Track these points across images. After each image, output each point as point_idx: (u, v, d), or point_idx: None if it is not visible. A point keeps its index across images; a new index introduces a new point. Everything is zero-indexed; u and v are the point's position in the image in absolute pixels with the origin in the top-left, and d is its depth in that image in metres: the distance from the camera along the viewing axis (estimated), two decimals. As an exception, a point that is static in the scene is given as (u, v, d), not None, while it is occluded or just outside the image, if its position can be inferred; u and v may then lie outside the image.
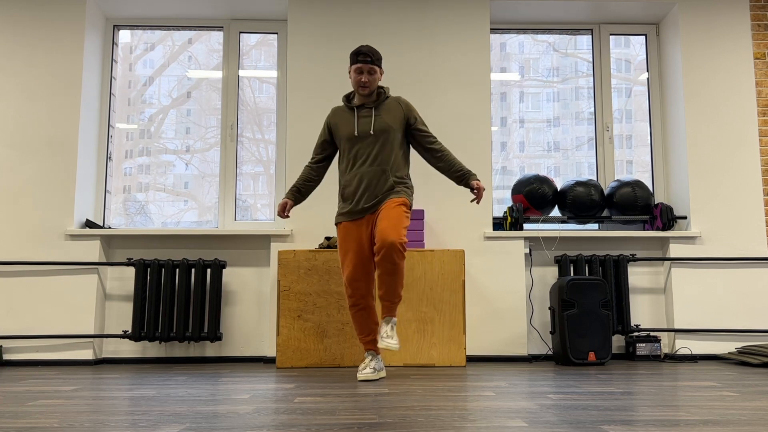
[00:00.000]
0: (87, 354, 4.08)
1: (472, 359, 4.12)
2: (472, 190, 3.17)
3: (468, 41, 4.40)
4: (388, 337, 3.02)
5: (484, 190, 3.16)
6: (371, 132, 3.15)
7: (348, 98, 3.29)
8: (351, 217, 3.16)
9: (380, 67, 3.20)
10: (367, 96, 3.21)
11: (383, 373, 3.17)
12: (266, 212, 4.57)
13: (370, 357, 3.18)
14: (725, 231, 4.33)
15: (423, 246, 4.01)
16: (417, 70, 4.38)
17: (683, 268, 4.29)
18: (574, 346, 3.77)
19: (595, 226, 4.62)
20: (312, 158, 3.36)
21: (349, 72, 3.21)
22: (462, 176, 3.21)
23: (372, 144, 3.16)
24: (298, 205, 4.22)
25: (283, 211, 3.27)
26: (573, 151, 4.79)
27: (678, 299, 4.25)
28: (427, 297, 3.84)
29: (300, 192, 3.32)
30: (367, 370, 3.10)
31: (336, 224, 3.25)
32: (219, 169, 4.56)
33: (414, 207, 4.25)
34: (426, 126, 3.29)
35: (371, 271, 3.17)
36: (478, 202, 3.16)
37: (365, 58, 3.13)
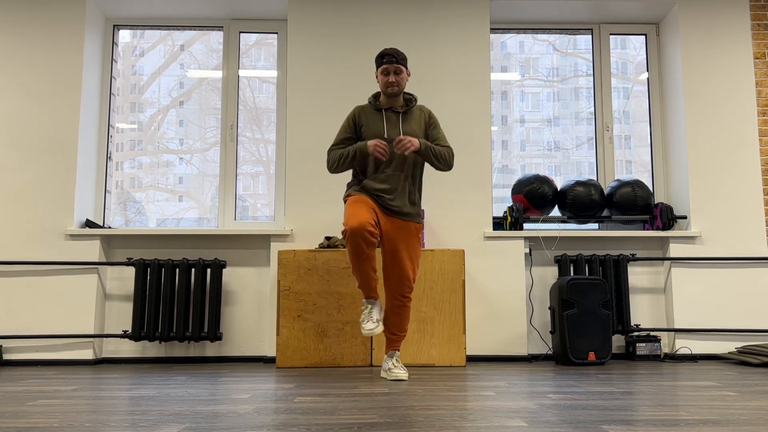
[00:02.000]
0: (87, 354, 4.08)
1: (472, 359, 4.12)
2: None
3: (468, 41, 4.40)
4: (395, 368, 3.13)
5: (406, 142, 3.03)
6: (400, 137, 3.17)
7: (375, 98, 3.28)
8: (375, 199, 3.15)
9: (406, 67, 3.21)
10: (395, 97, 3.20)
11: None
12: (266, 212, 4.57)
13: (370, 306, 3.04)
14: (725, 231, 4.33)
15: (423, 246, 4.01)
16: (417, 70, 4.38)
17: (683, 268, 4.29)
18: (574, 346, 3.77)
19: (595, 225, 4.62)
20: (338, 145, 3.23)
21: (376, 76, 3.22)
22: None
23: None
24: (299, 205, 4.22)
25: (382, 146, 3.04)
26: (573, 150, 4.79)
27: (678, 299, 4.25)
28: (427, 297, 3.84)
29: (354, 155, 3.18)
30: (370, 323, 2.97)
31: (349, 195, 3.17)
32: (219, 169, 4.56)
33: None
34: (441, 133, 3.25)
35: (377, 236, 3.02)
36: (396, 149, 3.05)
37: (391, 59, 3.15)
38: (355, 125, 3.25)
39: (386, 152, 3.06)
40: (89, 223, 4.28)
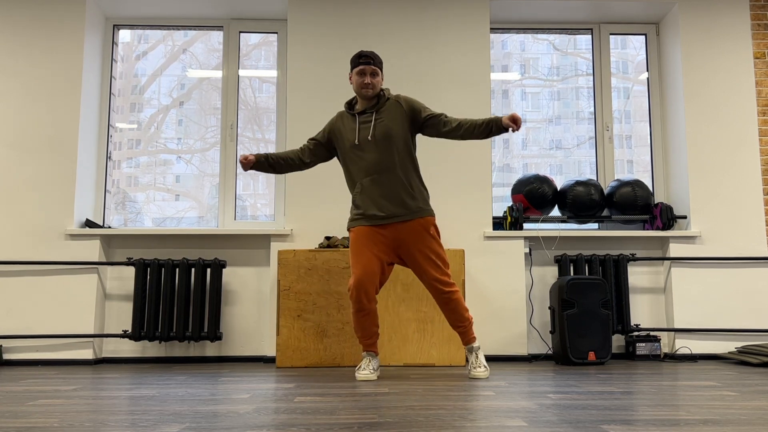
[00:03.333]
0: (87, 354, 4.08)
1: (472, 359, 4.12)
2: (508, 129, 3.04)
3: (468, 41, 4.40)
4: (475, 367, 3.13)
5: (519, 119, 2.98)
6: (369, 138, 3.11)
7: (350, 105, 3.25)
8: (370, 222, 3.12)
9: (382, 71, 3.17)
10: (370, 99, 3.16)
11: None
12: (266, 212, 4.57)
13: (369, 358, 3.18)
14: (725, 231, 4.33)
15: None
16: (417, 70, 4.38)
17: (683, 268, 4.29)
18: (574, 346, 3.77)
19: (595, 225, 4.62)
20: (307, 146, 3.27)
21: (350, 77, 3.17)
22: (490, 127, 3.06)
23: (374, 150, 3.11)
24: (299, 205, 4.22)
25: (245, 162, 3.15)
26: (574, 150, 4.79)
27: (678, 299, 4.25)
28: (427, 297, 3.84)
29: (269, 162, 3.22)
30: (366, 371, 3.11)
31: (349, 229, 3.20)
32: (219, 169, 4.56)
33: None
34: (432, 111, 3.17)
35: (380, 278, 3.13)
36: (515, 129, 3.00)
37: (367, 60, 3.11)
38: (331, 132, 3.24)
39: (245, 163, 3.14)
40: (89, 223, 4.28)
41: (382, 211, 3.10)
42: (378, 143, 3.11)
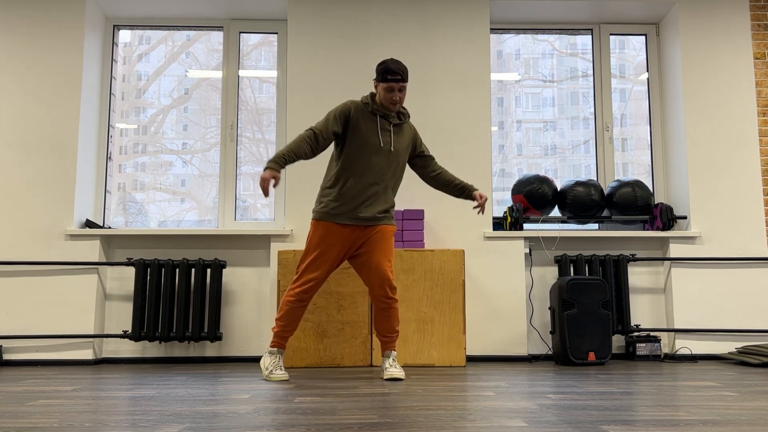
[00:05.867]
0: (87, 354, 4.08)
1: (472, 359, 4.12)
2: (474, 199, 3.33)
3: (468, 41, 4.40)
4: (392, 367, 3.15)
5: (485, 199, 3.30)
6: (392, 149, 3.17)
7: (368, 104, 3.17)
8: (342, 221, 3.11)
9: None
10: (392, 111, 3.20)
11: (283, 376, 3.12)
12: (266, 212, 4.57)
13: (279, 356, 3.14)
14: (725, 231, 4.33)
15: (423, 246, 4.01)
16: (417, 70, 4.38)
17: (683, 268, 4.29)
18: (574, 346, 3.77)
19: (595, 226, 4.62)
20: (320, 133, 3.08)
21: (375, 86, 3.14)
22: (463, 189, 3.35)
23: (388, 161, 3.17)
24: (299, 205, 4.22)
25: (269, 187, 2.93)
26: (571, 152, 4.80)
27: (678, 299, 4.25)
28: (427, 297, 3.84)
29: (285, 164, 3.03)
30: (281, 371, 3.09)
31: (317, 219, 3.13)
32: (219, 169, 4.56)
33: (414, 207, 4.25)
34: (427, 149, 3.38)
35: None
36: (482, 212, 3.28)
37: (395, 77, 3.06)
38: (347, 120, 3.12)
39: (267, 186, 2.92)
40: (89, 223, 4.28)
41: (371, 214, 3.14)
42: (391, 156, 3.18)
